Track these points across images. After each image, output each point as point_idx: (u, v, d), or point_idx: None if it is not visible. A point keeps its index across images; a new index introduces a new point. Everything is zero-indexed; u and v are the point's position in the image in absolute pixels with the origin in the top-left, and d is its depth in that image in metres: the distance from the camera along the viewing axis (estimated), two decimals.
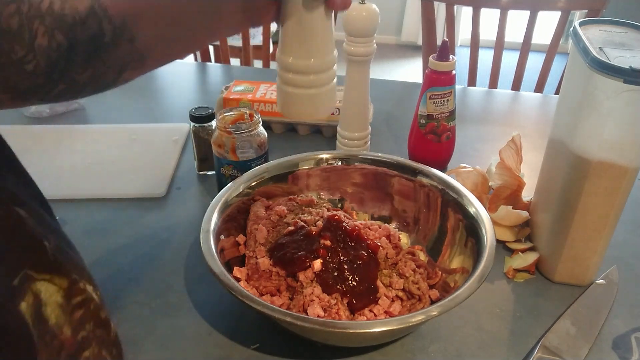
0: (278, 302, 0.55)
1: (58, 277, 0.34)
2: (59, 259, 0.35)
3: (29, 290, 0.32)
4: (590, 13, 1.28)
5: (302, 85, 0.47)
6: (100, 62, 0.42)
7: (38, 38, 0.39)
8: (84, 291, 0.36)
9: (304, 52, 0.46)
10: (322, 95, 0.48)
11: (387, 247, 0.59)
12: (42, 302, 0.32)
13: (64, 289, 0.34)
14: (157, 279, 0.64)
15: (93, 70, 0.43)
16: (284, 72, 0.47)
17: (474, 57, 1.38)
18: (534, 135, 0.96)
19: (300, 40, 0.45)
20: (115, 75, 0.44)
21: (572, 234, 0.60)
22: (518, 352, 0.55)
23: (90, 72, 0.43)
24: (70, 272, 0.35)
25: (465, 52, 1.47)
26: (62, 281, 0.34)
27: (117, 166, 0.85)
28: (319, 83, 0.47)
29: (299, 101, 0.48)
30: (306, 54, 0.46)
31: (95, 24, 0.41)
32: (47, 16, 0.40)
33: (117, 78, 0.45)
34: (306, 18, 0.44)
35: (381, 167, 0.69)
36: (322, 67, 0.47)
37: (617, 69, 0.50)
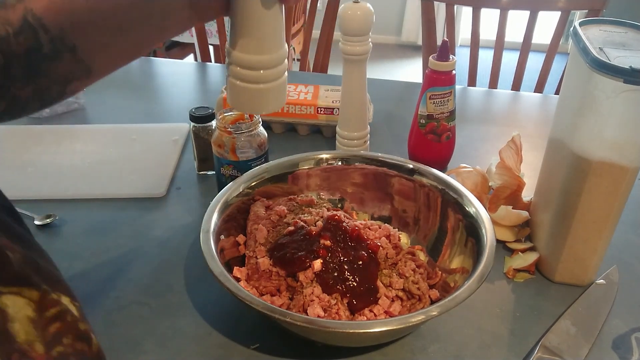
0: (278, 302, 0.55)
1: (27, 289, 0.32)
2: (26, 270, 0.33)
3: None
4: (590, 13, 1.28)
5: (250, 80, 0.46)
6: (42, 76, 0.40)
7: None
8: (58, 302, 0.34)
9: (253, 47, 0.44)
10: (271, 90, 0.47)
11: (387, 247, 0.59)
12: (9, 318, 0.30)
13: (35, 302, 0.32)
14: (157, 279, 0.64)
15: (35, 85, 0.40)
16: (233, 66, 0.46)
17: (474, 57, 1.38)
18: (534, 135, 0.96)
19: (248, 34, 0.44)
20: (61, 89, 0.42)
21: (572, 234, 0.60)
22: (518, 352, 0.55)
23: (33, 87, 0.40)
24: (41, 283, 0.33)
25: (465, 52, 1.47)
26: (32, 293, 0.32)
27: (117, 166, 0.85)
28: (268, 78, 0.46)
29: (248, 95, 0.47)
30: (255, 49, 0.45)
31: (30, 35, 0.38)
32: None
33: (62, 91, 0.42)
34: (255, 12, 0.43)
35: (381, 167, 0.69)
36: (271, 63, 0.46)
37: (617, 69, 0.50)
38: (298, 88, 0.95)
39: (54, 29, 0.39)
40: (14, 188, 0.77)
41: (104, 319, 0.58)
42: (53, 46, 0.39)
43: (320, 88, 0.95)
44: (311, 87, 0.96)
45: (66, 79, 0.41)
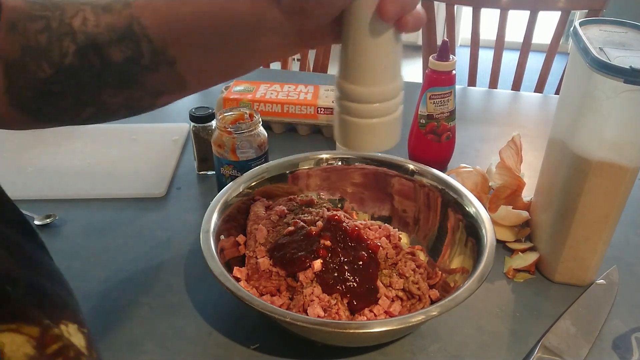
0: (278, 302, 0.55)
1: (26, 325, 0.30)
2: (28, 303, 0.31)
3: None
4: (590, 13, 1.28)
5: (364, 115, 0.41)
6: (136, 86, 0.39)
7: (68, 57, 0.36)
8: (60, 337, 0.32)
9: (370, 78, 0.40)
10: (386, 124, 0.42)
11: (387, 247, 0.59)
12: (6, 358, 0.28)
13: (34, 338, 0.30)
14: (157, 279, 0.64)
15: (128, 94, 0.39)
16: (343, 100, 0.41)
17: (474, 57, 1.38)
18: (534, 135, 0.96)
19: (365, 65, 0.40)
20: (152, 100, 0.41)
21: (572, 234, 0.60)
22: (518, 352, 0.55)
23: (125, 96, 0.39)
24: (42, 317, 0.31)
25: (465, 52, 1.47)
26: (32, 329, 0.30)
27: (117, 166, 0.85)
28: (383, 112, 0.41)
29: (361, 131, 0.42)
30: (372, 81, 0.40)
31: (133, 44, 0.37)
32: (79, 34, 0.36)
33: (153, 103, 0.41)
34: (372, 42, 0.38)
35: (381, 167, 0.69)
36: (389, 95, 0.41)
37: (617, 69, 0.50)
38: (298, 88, 0.95)
39: (157, 40, 0.38)
40: (14, 188, 0.77)
41: (104, 319, 0.58)
42: (153, 57, 0.38)
43: (320, 88, 0.95)
44: (311, 87, 0.96)
45: (159, 91, 0.40)
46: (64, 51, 0.36)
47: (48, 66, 0.36)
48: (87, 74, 0.37)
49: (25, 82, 0.37)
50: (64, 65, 0.36)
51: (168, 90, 0.41)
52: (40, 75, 0.36)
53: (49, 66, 0.36)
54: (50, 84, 0.37)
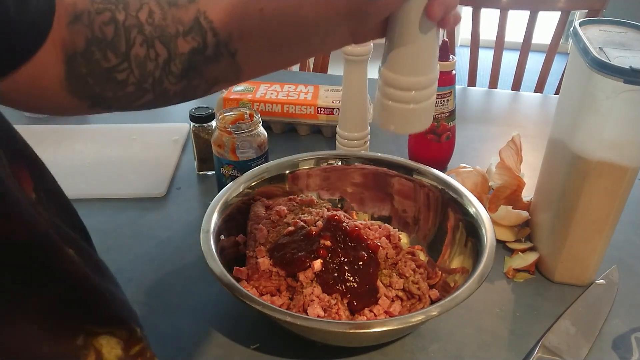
0: (278, 302, 0.55)
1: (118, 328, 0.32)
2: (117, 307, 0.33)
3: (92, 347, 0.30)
4: (590, 13, 1.28)
5: (403, 100, 0.46)
6: (197, 74, 0.41)
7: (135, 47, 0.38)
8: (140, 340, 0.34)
9: (413, 69, 0.45)
10: (421, 110, 0.47)
11: (387, 247, 0.59)
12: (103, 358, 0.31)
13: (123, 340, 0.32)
14: (157, 279, 0.64)
15: (187, 82, 0.41)
16: (387, 87, 0.46)
17: (474, 57, 1.38)
18: (534, 135, 0.96)
19: (411, 58, 0.45)
20: (208, 87, 0.43)
21: (572, 234, 0.60)
22: (518, 352, 0.55)
23: (185, 84, 0.41)
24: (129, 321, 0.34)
25: (465, 52, 1.47)
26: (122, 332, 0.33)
27: (117, 166, 0.85)
28: (420, 99, 0.46)
29: (398, 115, 0.47)
30: (412, 72, 0.45)
31: (199, 36, 0.39)
32: (146, 25, 0.38)
33: (208, 90, 0.43)
34: (418, 38, 0.43)
35: (381, 167, 0.69)
36: (426, 84, 0.46)
37: (617, 69, 0.50)
38: (298, 88, 0.95)
39: (223, 33, 0.40)
40: None
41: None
42: (216, 49, 0.40)
43: (320, 88, 0.95)
44: (311, 87, 0.96)
45: (217, 79, 0.42)
46: (130, 42, 0.38)
47: (114, 56, 0.38)
48: (153, 63, 0.39)
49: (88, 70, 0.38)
50: (131, 55, 0.38)
51: (224, 79, 0.43)
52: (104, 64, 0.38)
53: (114, 56, 0.38)
54: (115, 72, 0.38)
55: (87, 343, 0.30)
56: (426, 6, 0.41)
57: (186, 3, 0.40)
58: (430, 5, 0.40)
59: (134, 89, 0.40)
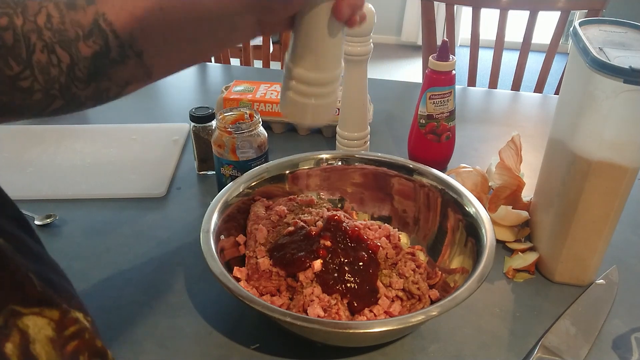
0: (278, 302, 0.55)
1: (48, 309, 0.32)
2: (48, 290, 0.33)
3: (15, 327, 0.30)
4: (590, 13, 1.28)
5: (306, 94, 0.47)
6: (105, 78, 0.40)
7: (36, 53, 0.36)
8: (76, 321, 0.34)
9: (314, 65, 0.46)
10: (323, 105, 0.49)
11: (387, 247, 0.59)
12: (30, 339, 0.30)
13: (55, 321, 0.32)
14: (157, 279, 0.64)
15: (96, 86, 0.40)
16: (291, 80, 0.47)
17: (474, 57, 1.38)
18: (534, 135, 0.96)
19: (310, 52, 0.46)
20: (119, 90, 0.42)
21: (572, 234, 0.60)
22: (518, 352, 0.55)
23: (93, 88, 0.40)
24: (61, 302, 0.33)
25: (465, 52, 1.47)
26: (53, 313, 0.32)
27: (117, 166, 0.85)
28: (322, 94, 0.48)
29: (300, 108, 0.49)
30: (315, 67, 0.46)
31: (100, 39, 0.38)
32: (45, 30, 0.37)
33: (120, 92, 0.42)
34: (323, 36, 0.44)
35: (381, 167, 0.69)
36: (328, 80, 0.47)
37: (617, 69, 0.50)
38: None
39: (125, 34, 0.39)
40: (14, 188, 0.77)
41: (104, 319, 0.58)
42: (121, 51, 0.39)
43: None
44: None
45: (127, 81, 0.42)
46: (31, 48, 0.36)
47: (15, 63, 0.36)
48: (56, 69, 0.37)
49: None
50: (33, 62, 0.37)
51: (135, 80, 0.42)
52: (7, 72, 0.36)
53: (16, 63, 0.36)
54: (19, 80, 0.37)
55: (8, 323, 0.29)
56: (333, 6, 0.42)
57: (84, 5, 0.38)
58: (338, 5, 0.41)
59: (41, 96, 0.38)
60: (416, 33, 3.62)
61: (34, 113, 0.40)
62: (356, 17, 0.44)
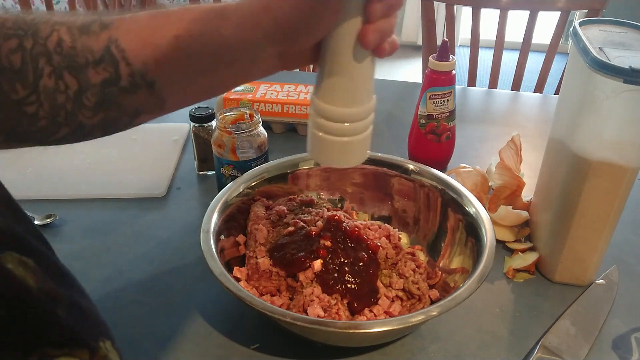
0: (278, 302, 0.55)
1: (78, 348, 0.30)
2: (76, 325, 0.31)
3: None
4: (590, 13, 1.28)
5: (337, 133, 0.42)
6: (114, 107, 0.38)
7: (43, 78, 0.35)
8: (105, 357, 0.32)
9: (346, 100, 0.41)
10: (356, 143, 0.44)
11: (387, 247, 0.59)
12: None
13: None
14: (157, 279, 0.64)
15: (105, 115, 0.38)
16: (318, 117, 0.43)
17: (474, 57, 1.38)
18: (534, 135, 0.96)
19: (343, 88, 0.41)
20: (129, 120, 0.40)
21: (572, 234, 0.60)
22: (518, 352, 0.55)
23: (102, 117, 0.38)
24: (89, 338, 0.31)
25: (465, 52, 1.47)
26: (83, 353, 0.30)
27: (117, 166, 0.85)
28: (355, 132, 0.43)
29: (332, 148, 0.43)
30: (348, 102, 0.41)
31: (111, 66, 0.36)
32: (54, 55, 0.35)
33: (130, 122, 0.40)
34: (351, 66, 0.40)
35: (381, 167, 0.69)
36: (361, 116, 0.43)
37: (617, 69, 0.50)
38: (298, 88, 0.95)
39: (137, 63, 0.37)
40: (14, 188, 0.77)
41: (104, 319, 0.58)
42: (132, 80, 0.37)
43: None
44: (311, 87, 0.95)
45: (137, 111, 0.40)
46: (38, 72, 0.35)
47: (22, 87, 0.35)
48: (63, 95, 0.36)
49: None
50: (39, 87, 0.35)
51: (146, 111, 0.40)
52: (13, 96, 0.35)
53: (22, 87, 0.35)
54: (25, 105, 0.35)
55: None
56: (359, 33, 0.37)
57: (98, 30, 0.36)
58: (364, 31, 0.37)
59: (46, 123, 0.37)
60: (416, 33, 3.62)
61: (39, 140, 0.39)
62: (385, 45, 0.39)
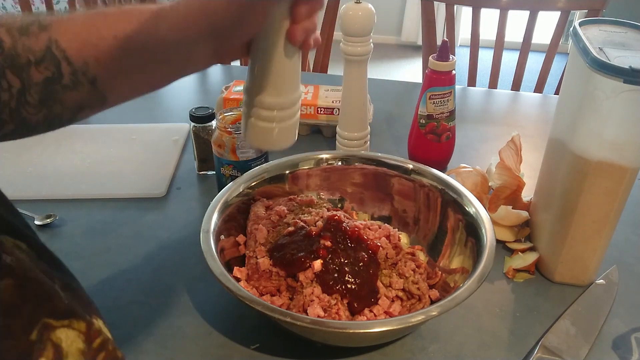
0: (278, 302, 0.55)
1: (76, 320, 0.31)
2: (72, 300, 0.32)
3: (49, 342, 0.29)
4: (590, 13, 1.28)
5: (267, 119, 0.47)
6: (57, 103, 0.40)
7: None
8: (100, 332, 0.33)
9: (276, 90, 0.46)
10: (283, 129, 0.49)
11: (387, 247, 0.59)
12: (64, 353, 0.30)
13: (83, 333, 0.32)
14: (157, 279, 0.64)
15: (48, 111, 0.40)
16: (251, 106, 0.47)
17: (474, 57, 1.38)
18: (534, 135, 0.96)
19: (274, 79, 0.46)
20: (72, 115, 0.42)
21: (572, 234, 0.60)
22: (518, 352, 0.55)
23: (45, 113, 0.40)
24: (85, 313, 0.33)
25: (465, 52, 1.47)
26: (80, 324, 0.32)
27: (117, 166, 0.85)
28: (282, 118, 0.48)
29: (263, 133, 0.48)
30: (277, 92, 0.46)
31: (52, 65, 0.38)
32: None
33: (73, 117, 0.42)
34: (280, 60, 0.44)
35: (381, 167, 0.69)
36: (287, 104, 0.47)
37: (617, 69, 0.50)
38: None
39: (78, 61, 0.38)
40: (14, 188, 0.77)
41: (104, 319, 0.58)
42: (74, 77, 0.39)
43: (320, 88, 0.95)
44: (311, 87, 0.96)
45: (80, 106, 0.41)
46: None
47: None
48: (7, 93, 0.37)
49: None
50: None
51: (88, 105, 0.42)
52: None
53: None
54: None
55: (42, 337, 0.29)
56: (288, 31, 0.42)
57: (37, 31, 0.38)
58: (292, 30, 0.41)
59: None
60: (416, 33, 3.62)
61: None
62: (310, 41, 0.44)
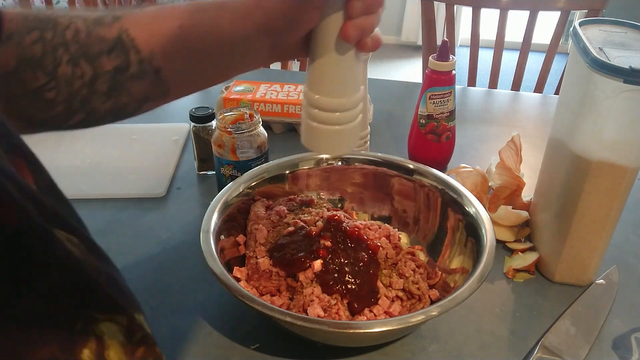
0: (278, 302, 0.55)
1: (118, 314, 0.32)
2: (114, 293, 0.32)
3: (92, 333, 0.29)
4: (590, 13, 1.28)
5: (327, 122, 0.46)
6: (124, 93, 0.42)
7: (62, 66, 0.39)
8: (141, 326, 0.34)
9: (333, 90, 0.45)
10: (346, 132, 0.47)
11: (387, 247, 0.59)
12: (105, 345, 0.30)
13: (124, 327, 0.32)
14: (157, 279, 0.64)
15: (115, 100, 0.42)
16: (310, 107, 0.46)
17: (474, 57, 1.38)
18: (534, 135, 0.96)
19: (329, 79, 0.45)
20: (137, 106, 0.44)
21: (572, 234, 0.60)
22: (518, 352, 0.55)
23: (112, 102, 0.42)
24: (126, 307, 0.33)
25: (465, 52, 1.47)
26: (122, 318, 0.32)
27: (117, 166, 0.85)
28: (344, 121, 0.46)
29: (323, 136, 0.47)
30: (334, 93, 0.45)
31: (122, 54, 0.40)
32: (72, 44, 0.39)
33: (138, 108, 0.44)
34: (336, 59, 0.43)
35: (381, 167, 0.69)
36: (349, 106, 0.46)
37: (617, 69, 0.50)
38: (298, 88, 0.95)
39: (145, 50, 0.41)
40: None
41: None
42: (140, 67, 0.41)
43: None
44: None
45: (145, 97, 0.43)
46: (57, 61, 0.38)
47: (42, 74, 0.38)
48: (79, 81, 0.39)
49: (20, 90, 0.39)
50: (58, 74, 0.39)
51: (152, 97, 0.44)
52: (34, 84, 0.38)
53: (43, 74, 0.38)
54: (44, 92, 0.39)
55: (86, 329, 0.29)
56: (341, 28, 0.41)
57: (110, 22, 0.40)
58: (345, 27, 0.41)
59: (63, 108, 0.40)
60: (416, 33, 3.62)
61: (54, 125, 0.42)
62: (367, 41, 0.42)
